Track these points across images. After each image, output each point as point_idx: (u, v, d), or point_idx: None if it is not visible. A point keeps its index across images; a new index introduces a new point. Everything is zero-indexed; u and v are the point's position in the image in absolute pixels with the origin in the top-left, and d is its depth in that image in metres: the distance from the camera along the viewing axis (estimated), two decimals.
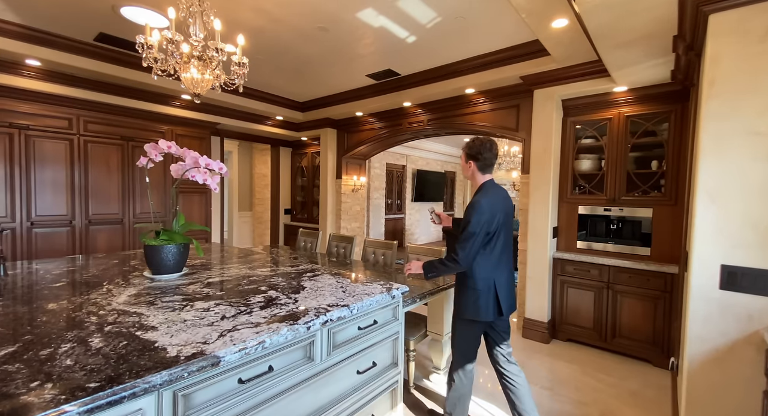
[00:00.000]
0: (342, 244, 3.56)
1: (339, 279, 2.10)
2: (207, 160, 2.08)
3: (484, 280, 1.83)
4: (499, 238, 1.83)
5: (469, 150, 1.90)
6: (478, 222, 1.75)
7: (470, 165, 1.91)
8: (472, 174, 1.93)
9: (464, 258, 1.78)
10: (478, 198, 1.80)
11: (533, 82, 3.18)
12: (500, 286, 1.83)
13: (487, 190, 1.86)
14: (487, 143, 1.86)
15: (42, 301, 1.58)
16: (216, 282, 1.96)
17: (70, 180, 3.62)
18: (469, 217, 1.77)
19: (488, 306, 1.82)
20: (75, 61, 3.21)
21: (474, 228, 1.75)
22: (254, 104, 4.70)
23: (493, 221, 1.78)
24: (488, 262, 1.83)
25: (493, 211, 1.78)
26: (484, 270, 1.83)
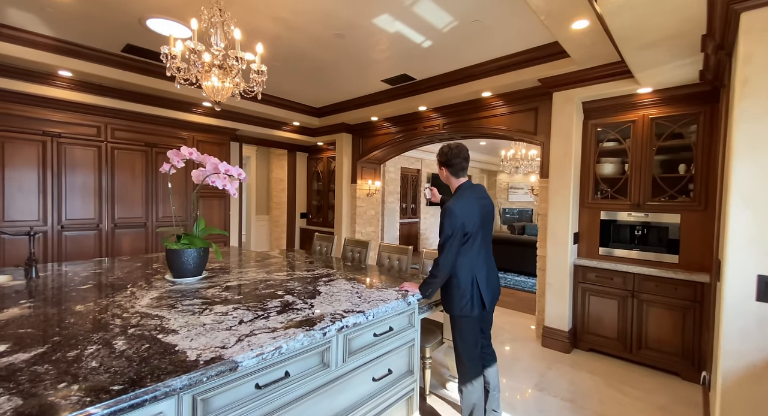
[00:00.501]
0: (357, 249, 3.56)
1: (354, 284, 2.09)
2: (226, 166, 2.12)
3: (465, 277, 1.90)
4: (477, 237, 1.90)
5: (440, 157, 2.01)
6: (451, 226, 1.83)
7: (443, 171, 2.02)
8: (446, 178, 2.04)
9: (444, 264, 1.85)
10: (450, 204, 1.88)
11: (552, 84, 3.11)
12: (481, 281, 1.91)
13: (461, 192, 1.95)
14: (456, 149, 1.96)
15: (70, 303, 1.64)
16: (234, 286, 2.00)
17: (98, 185, 3.77)
18: (442, 225, 1.86)
19: (473, 301, 1.90)
20: (103, 71, 3.36)
21: (448, 233, 1.83)
22: (272, 110, 4.80)
23: (469, 223, 1.85)
24: (468, 260, 1.90)
25: (467, 214, 1.86)
26: (465, 268, 1.90)
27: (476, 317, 1.93)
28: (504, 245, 6.26)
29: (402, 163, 8.25)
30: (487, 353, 2.12)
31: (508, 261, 6.23)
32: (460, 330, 1.95)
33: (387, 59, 3.38)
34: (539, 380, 2.69)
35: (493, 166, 11.44)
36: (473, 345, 1.96)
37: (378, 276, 2.45)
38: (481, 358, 2.03)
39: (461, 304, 1.89)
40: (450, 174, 1.99)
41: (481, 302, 1.90)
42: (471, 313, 1.89)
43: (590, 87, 2.95)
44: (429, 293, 1.92)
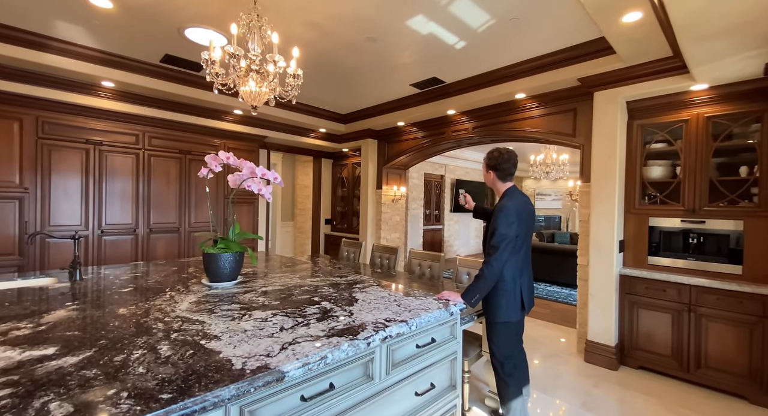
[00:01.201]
0: (386, 255, 3.49)
1: (390, 291, 2.01)
2: (263, 169, 2.11)
3: (512, 282, 1.90)
4: (525, 241, 1.93)
5: (489, 161, 2.02)
6: (507, 224, 1.81)
7: (491, 174, 2.03)
8: (492, 182, 2.05)
9: (498, 265, 1.81)
10: (505, 201, 1.90)
11: (594, 83, 2.96)
12: (524, 286, 1.93)
13: (511, 195, 1.95)
14: (506, 154, 1.97)
15: (113, 306, 1.64)
16: (270, 291, 1.96)
17: (135, 191, 3.89)
18: (497, 223, 1.84)
19: (516, 306, 1.91)
20: (143, 81, 3.48)
21: (504, 231, 1.81)
22: (299, 117, 4.85)
23: (522, 225, 1.87)
24: (516, 264, 1.91)
25: (520, 216, 1.86)
26: (513, 272, 1.90)
27: (517, 322, 1.95)
28: (537, 254, 6.01)
29: (426, 169, 8.15)
30: (521, 352, 2.12)
31: (542, 270, 5.97)
32: (501, 336, 1.96)
33: (417, 62, 3.33)
34: (586, 399, 2.49)
35: (519, 171, 11.13)
36: (514, 348, 1.99)
37: (412, 283, 2.36)
38: (517, 361, 2.04)
39: (508, 310, 1.91)
40: (497, 178, 2.00)
41: (521, 306, 1.92)
42: (511, 318, 1.92)
43: (637, 85, 2.78)
44: (475, 299, 1.83)
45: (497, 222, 1.83)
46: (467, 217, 9.49)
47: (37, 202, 3.31)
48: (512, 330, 1.96)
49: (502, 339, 1.96)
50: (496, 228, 1.82)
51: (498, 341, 1.97)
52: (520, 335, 2.06)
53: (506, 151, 1.98)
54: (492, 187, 2.07)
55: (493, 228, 1.85)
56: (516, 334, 2.00)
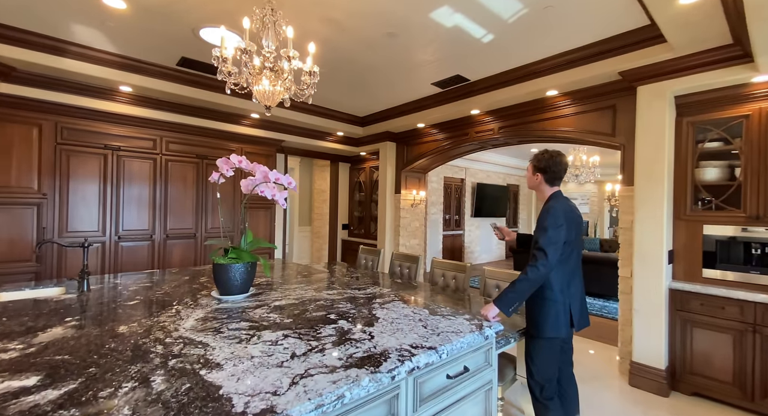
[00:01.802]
0: (406, 264, 3.29)
1: (414, 308, 1.81)
2: (277, 174, 1.96)
3: (561, 293, 1.74)
4: (574, 248, 1.78)
5: (537, 162, 1.88)
6: (555, 226, 1.68)
7: (537, 177, 1.89)
8: (538, 185, 1.92)
9: (545, 264, 1.65)
10: (552, 203, 1.77)
11: (637, 77, 2.68)
12: (573, 299, 1.76)
13: (557, 198, 1.82)
14: (557, 156, 1.85)
15: (114, 323, 1.52)
16: (282, 306, 1.80)
17: (152, 197, 3.85)
18: (545, 223, 1.71)
19: (565, 320, 1.74)
20: (160, 85, 3.44)
21: (551, 233, 1.67)
22: (316, 120, 4.74)
23: (571, 229, 1.74)
24: (564, 274, 1.75)
25: (569, 219, 1.74)
26: (561, 281, 1.74)
27: (563, 338, 1.76)
28: None
29: (445, 172, 7.91)
30: (571, 378, 1.92)
31: None
32: (544, 354, 1.76)
33: (439, 60, 3.14)
34: None
35: None
36: (555, 372, 1.79)
37: (435, 296, 2.15)
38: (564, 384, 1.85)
39: (557, 324, 1.72)
40: (545, 181, 1.87)
41: (570, 321, 1.75)
42: (560, 334, 1.74)
43: (688, 77, 2.49)
44: (514, 307, 1.67)
45: (545, 223, 1.69)
46: (488, 222, 9.15)
47: (55, 208, 3.30)
48: (557, 348, 1.78)
49: (545, 358, 1.76)
50: (543, 230, 1.69)
51: (539, 360, 1.77)
52: (568, 355, 1.87)
53: (557, 153, 1.85)
54: (536, 191, 1.95)
55: (539, 230, 1.71)
56: (562, 353, 1.81)
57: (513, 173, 9.79)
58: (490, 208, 8.84)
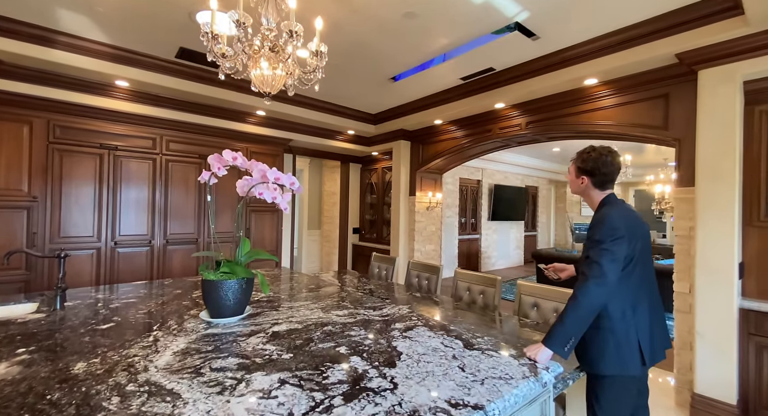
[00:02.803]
0: (425, 274, 2.94)
1: (443, 337, 1.47)
2: (277, 173, 1.65)
3: (622, 319, 1.37)
4: (637, 265, 1.39)
5: (582, 163, 1.53)
6: (612, 236, 1.33)
7: (583, 180, 1.55)
8: (584, 190, 1.57)
9: (600, 283, 1.28)
10: (607, 210, 1.43)
11: (700, 59, 2.29)
12: (640, 326, 1.37)
13: (613, 203, 1.47)
14: (607, 155, 1.49)
15: (73, 358, 1.22)
16: (282, 333, 1.48)
17: (151, 199, 3.61)
18: (598, 234, 1.36)
19: (632, 353, 1.36)
20: (159, 79, 3.20)
21: (609, 247, 1.31)
22: (326, 118, 4.44)
23: (632, 240, 1.36)
24: (626, 294, 1.38)
25: (629, 226, 1.37)
26: (623, 304, 1.37)
27: (636, 377, 1.40)
28: None
29: (461, 174, 7.53)
30: None
31: None
32: (612, 395, 1.39)
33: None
34: None
35: (562, 176, 10.21)
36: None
37: (465, 316, 1.80)
38: None
39: (620, 358, 1.35)
40: (593, 185, 1.52)
41: (640, 354, 1.36)
42: (628, 371, 1.36)
43: (765, 58, 2.08)
44: (571, 345, 1.28)
45: (598, 235, 1.35)
46: (506, 226, 8.73)
47: (46, 211, 3.07)
48: (629, 388, 1.41)
49: (613, 401, 1.39)
50: (596, 243, 1.35)
51: (606, 403, 1.40)
52: (644, 399, 1.49)
53: (607, 150, 1.50)
54: (583, 197, 1.58)
55: (590, 244, 1.38)
56: (638, 394, 1.45)
57: (532, 174, 9.33)
58: (508, 210, 8.41)
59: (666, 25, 2.34)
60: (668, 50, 2.37)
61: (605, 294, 1.28)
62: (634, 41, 2.50)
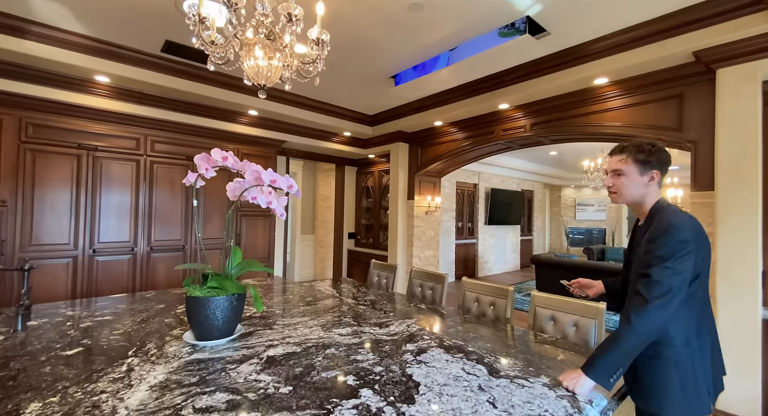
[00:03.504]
0: (428, 284, 2.77)
1: (464, 361, 1.29)
2: (273, 174, 1.46)
3: (686, 346, 1.13)
4: (702, 282, 1.17)
5: (649, 156, 1.22)
6: (682, 251, 1.08)
7: (652, 176, 1.23)
8: (644, 189, 1.24)
9: (660, 307, 1.06)
10: (669, 216, 1.15)
11: (719, 57, 2.18)
12: (705, 354, 1.15)
13: (675, 211, 1.18)
14: (666, 150, 1.25)
15: (27, 395, 1.01)
16: (279, 358, 1.28)
17: (134, 203, 3.37)
18: (664, 248, 1.10)
19: (698, 390, 1.12)
20: (143, 75, 2.98)
21: (677, 264, 1.08)
22: (321, 119, 4.26)
23: (700, 255, 1.13)
24: (691, 315, 1.14)
25: (698, 239, 1.13)
26: (686, 328, 1.14)
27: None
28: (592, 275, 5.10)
29: (458, 177, 7.40)
30: None
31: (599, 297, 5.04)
32: None
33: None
34: None
35: (557, 180, 10.20)
36: None
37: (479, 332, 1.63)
38: None
39: (684, 397, 1.12)
40: (658, 183, 1.23)
41: (708, 390, 1.14)
42: (696, 413, 1.13)
43: None
44: (618, 374, 1.09)
45: (663, 249, 1.10)
46: (503, 230, 8.62)
47: (17, 217, 2.82)
48: None
49: None
50: (659, 260, 1.10)
51: None
52: None
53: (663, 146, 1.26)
54: (633, 203, 1.28)
55: (651, 257, 1.12)
56: None
57: (528, 178, 9.28)
58: (505, 214, 8.31)
59: (682, 21, 2.24)
60: (684, 48, 2.26)
61: (666, 321, 1.08)
62: (647, 38, 2.39)
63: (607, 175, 1.30)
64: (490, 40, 2.56)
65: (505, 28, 2.46)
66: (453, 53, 2.82)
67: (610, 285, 1.52)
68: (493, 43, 2.54)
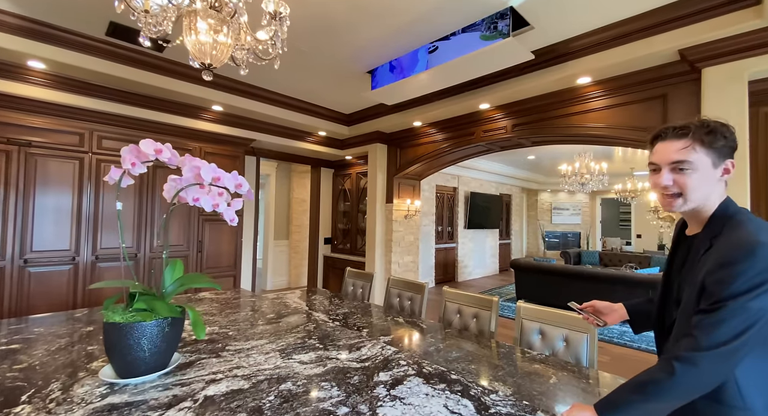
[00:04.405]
0: (407, 294, 2.56)
1: (446, 393, 1.08)
2: (217, 171, 1.21)
3: (765, 410, 0.79)
4: None
5: (726, 140, 0.86)
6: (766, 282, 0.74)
7: (729, 169, 0.88)
8: (712, 186, 0.88)
9: (719, 358, 0.76)
10: (761, 234, 0.78)
11: (705, 56, 2.11)
12: None
13: (757, 219, 0.84)
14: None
15: None
16: (219, 399, 1.02)
17: (77, 207, 2.98)
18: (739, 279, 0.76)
19: None
20: (85, 62, 2.64)
21: (748, 300, 0.75)
22: (294, 116, 4.00)
23: None
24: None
25: None
26: (765, 384, 0.81)
27: None
28: (571, 280, 5.06)
29: (437, 181, 7.28)
30: None
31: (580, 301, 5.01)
32: None
33: None
34: None
35: (534, 184, 10.31)
36: None
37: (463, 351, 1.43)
38: None
39: None
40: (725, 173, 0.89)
41: None
42: None
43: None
44: None
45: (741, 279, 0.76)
46: (482, 234, 8.57)
47: None
48: None
49: None
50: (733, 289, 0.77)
51: None
52: None
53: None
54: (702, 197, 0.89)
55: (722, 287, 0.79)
56: None
57: (506, 182, 9.31)
58: (484, 218, 8.26)
59: (667, 18, 2.16)
60: (670, 46, 2.18)
61: (722, 377, 0.79)
62: (632, 35, 2.30)
63: (657, 171, 0.92)
64: (472, 43, 2.39)
65: (487, 31, 2.30)
66: (433, 56, 2.64)
67: (635, 308, 1.19)
68: (476, 46, 2.37)
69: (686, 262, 0.94)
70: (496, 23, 2.26)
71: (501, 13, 2.22)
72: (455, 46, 2.50)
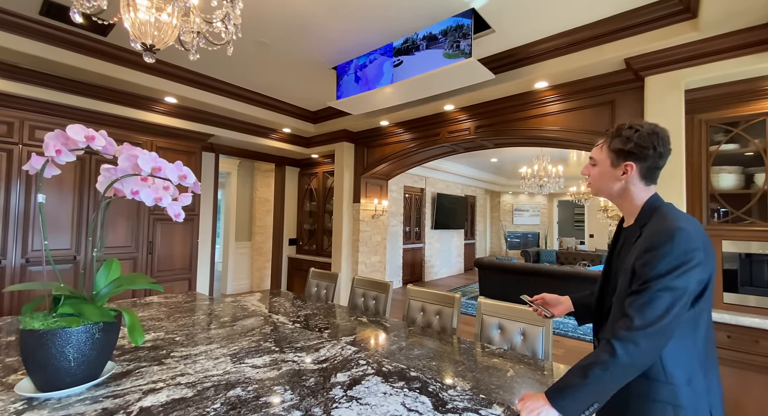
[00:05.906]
0: (372, 293, 2.53)
1: (405, 391, 1.06)
2: (158, 161, 1.11)
3: (687, 385, 0.88)
4: (707, 302, 0.91)
5: (623, 143, 0.98)
6: (684, 263, 0.84)
7: (626, 169, 0.99)
8: (623, 186, 1.01)
9: (652, 336, 0.83)
10: (681, 221, 0.89)
11: (647, 65, 2.27)
12: (714, 397, 0.89)
13: (678, 214, 0.94)
14: (660, 130, 0.98)
15: None
16: (156, 411, 0.93)
17: (4, 204, 2.66)
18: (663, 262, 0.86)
19: None
20: (15, 42, 2.36)
21: (672, 281, 0.84)
22: (256, 112, 3.84)
23: (707, 264, 0.88)
24: (691, 348, 0.90)
25: (707, 248, 0.88)
26: (689, 362, 0.89)
27: None
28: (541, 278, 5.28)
29: (405, 181, 7.33)
30: None
31: None
32: None
33: None
34: None
35: (497, 186, 10.69)
36: None
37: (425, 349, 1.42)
38: None
39: None
40: (640, 177, 0.98)
41: None
42: None
43: (711, 65, 2.11)
44: (590, 411, 0.86)
45: (665, 262, 0.86)
46: (448, 235, 8.74)
47: None
48: None
49: None
50: (658, 271, 0.86)
51: None
52: None
53: (655, 125, 0.99)
54: (614, 199, 1.06)
55: (644, 270, 0.88)
56: None
57: (470, 184, 9.57)
58: (450, 219, 8.44)
59: (617, 27, 2.30)
60: (618, 54, 2.33)
61: (658, 351, 0.86)
62: (585, 43, 2.43)
63: None
64: (435, 60, 2.43)
65: (450, 49, 2.34)
66: (398, 70, 2.66)
67: (579, 300, 1.27)
68: (439, 64, 2.43)
69: (621, 251, 1.05)
70: (458, 42, 2.31)
71: (464, 33, 2.26)
72: (419, 61, 2.53)
